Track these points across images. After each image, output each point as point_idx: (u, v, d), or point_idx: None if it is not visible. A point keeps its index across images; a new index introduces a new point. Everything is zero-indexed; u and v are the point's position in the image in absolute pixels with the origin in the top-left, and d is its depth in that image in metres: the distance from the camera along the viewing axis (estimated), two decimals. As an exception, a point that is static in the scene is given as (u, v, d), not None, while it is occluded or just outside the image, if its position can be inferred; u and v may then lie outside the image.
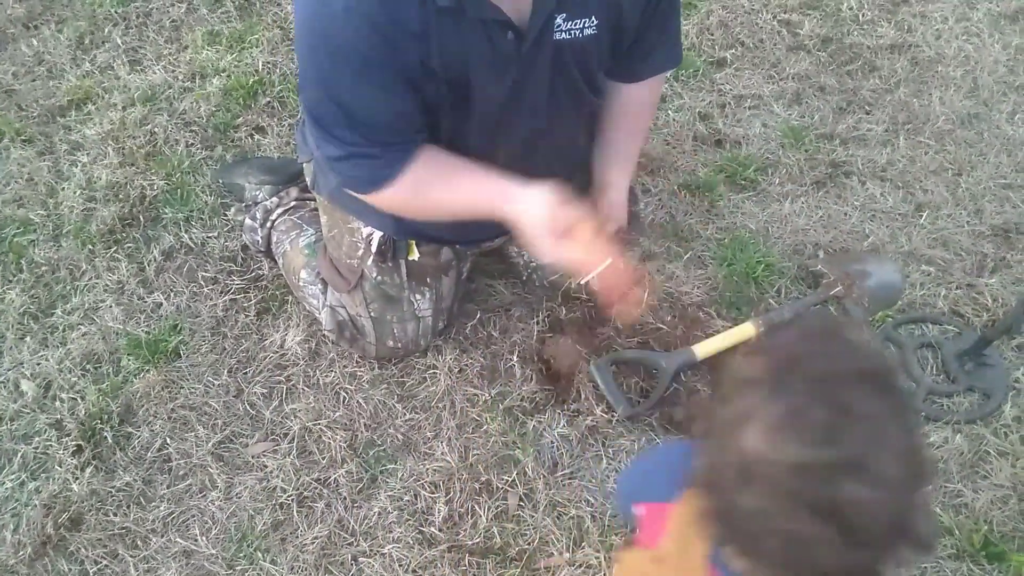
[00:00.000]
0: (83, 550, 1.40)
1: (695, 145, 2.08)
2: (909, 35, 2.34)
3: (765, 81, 2.24)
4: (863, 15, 2.41)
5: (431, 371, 1.63)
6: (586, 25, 1.20)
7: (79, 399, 1.59)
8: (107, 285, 1.77)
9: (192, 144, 2.06)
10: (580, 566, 1.36)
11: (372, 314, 1.57)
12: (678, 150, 2.06)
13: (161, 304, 1.74)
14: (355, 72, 1.12)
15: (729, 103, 2.18)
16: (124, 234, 1.87)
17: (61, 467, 1.50)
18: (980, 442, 1.51)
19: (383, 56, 1.11)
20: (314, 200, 1.71)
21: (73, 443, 1.52)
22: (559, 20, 1.17)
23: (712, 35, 2.36)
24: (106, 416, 1.56)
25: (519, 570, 1.36)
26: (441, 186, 1.28)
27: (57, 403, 1.58)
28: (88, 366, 1.64)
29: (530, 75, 1.23)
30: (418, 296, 1.58)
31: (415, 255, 1.56)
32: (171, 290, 1.77)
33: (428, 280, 1.58)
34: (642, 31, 1.29)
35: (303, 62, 1.16)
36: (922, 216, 1.89)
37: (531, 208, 1.18)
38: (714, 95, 2.21)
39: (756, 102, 2.18)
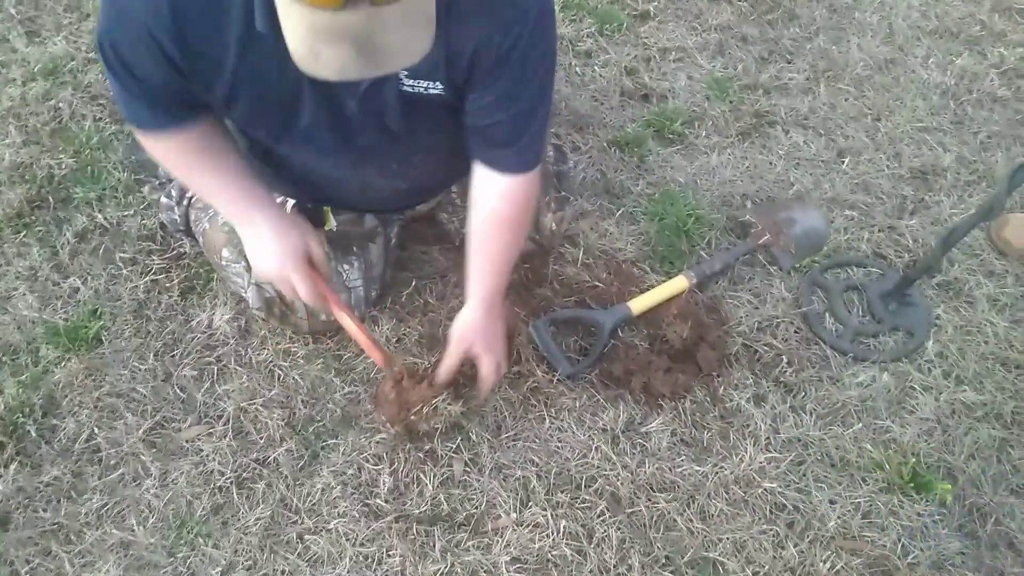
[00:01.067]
0: (12, 550, 1.34)
1: (622, 100, 2.07)
2: (826, -18, 2.37)
3: (689, 33, 2.24)
4: (781, -36, 2.42)
5: (368, 342, 1.60)
6: (430, 86, 1.16)
7: (-4, 393, 1.51)
8: (19, 272, 1.68)
9: (100, 119, 1.95)
10: (528, 525, 1.37)
11: (301, 288, 1.52)
12: (606, 106, 2.05)
13: (78, 289, 1.66)
14: (137, 39, 1.07)
15: (654, 56, 2.18)
16: (33, 217, 1.77)
17: (-18, 465, 1.43)
18: (906, 379, 1.56)
19: (170, 46, 1.07)
20: (233, 174, 1.65)
21: (-7, 440, 1.45)
22: (402, 76, 1.14)
23: (634, -12, 2.35)
24: (28, 409, 1.49)
25: (468, 535, 1.36)
26: (202, 170, 1.30)
27: (-28, 399, 1.50)
28: (4, 358, 1.56)
29: (376, 108, 1.19)
30: (346, 266, 1.54)
31: (332, 223, 1.52)
32: (88, 274, 1.69)
33: (354, 248, 1.55)
34: (490, 117, 1.21)
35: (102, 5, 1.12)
36: (844, 162, 1.92)
37: (260, 261, 1.32)
38: (639, 49, 2.20)
39: (681, 55, 2.18)
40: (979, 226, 1.46)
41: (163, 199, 1.67)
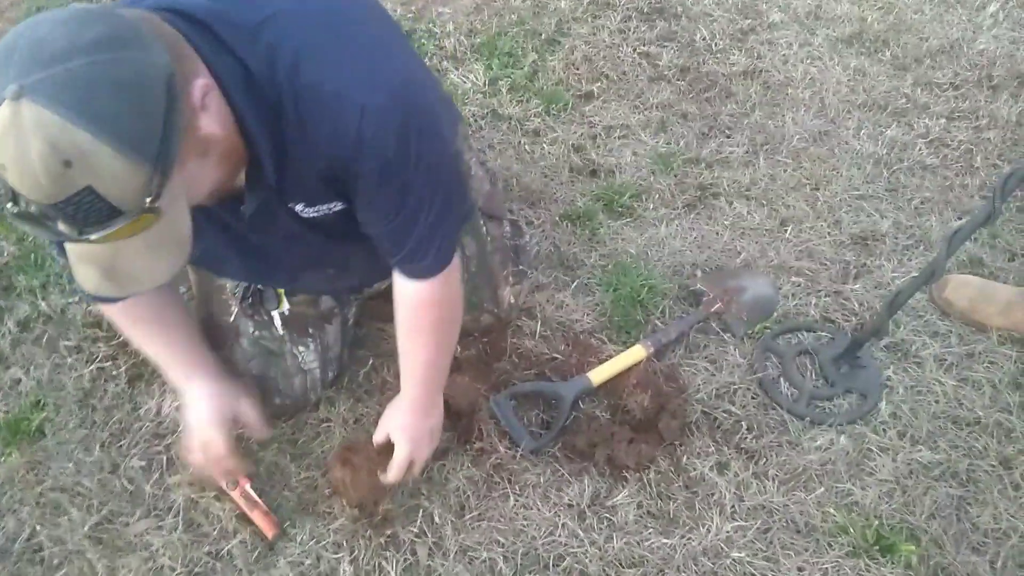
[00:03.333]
0: (-58, 665, 1.25)
1: (572, 176, 2.12)
2: (759, 61, 2.49)
3: (631, 111, 2.32)
4: (716, 44, 2.54)
5: (324, 424, 1.56)
6: (332, 208, 1.15)
7: (-72, 494, 1.43)
8: (-45, 364, 1.61)
9: (45, 205, 1.92)
10: (496, 610, 1.33)
11: (254, 371, 1.49)
12: (556, 181, 2.10)
13: (20, 379, 1.60)
14: None
15: (600, 134, 2.25)
16: (-28, 307, 1.71)
17: (-90, 573, 1.34)
18: (862, 440, 1.58)
19: None
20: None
21: (-76, 544, 1.36)
22: (300, 207, 1.13)
23: (578, 70, 2.43)
24: (-38, 509, 1.41)
25: (433, 622, 1.31)
26: (145, 336, 1.37)
27: (-98, 501, 1.42)
28: (-63, 456, 1.48)
29: (282, 233, 1.20)
30: (301, 348, 1.51)
31: (285, 306, 1.50)
32: (30, 363, 1.63)
33: (310, 330, 1.53)
34: (372, 228, 1.18)
35: None
36: (787, 230, 1.99)
37: (189, 419, 1.35)
38: (585, 127, 2.26)
39: (625, 131, 2.25)
40: (922, 289, 1.51)
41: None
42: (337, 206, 1.15)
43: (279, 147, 1.00)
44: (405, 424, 1.38)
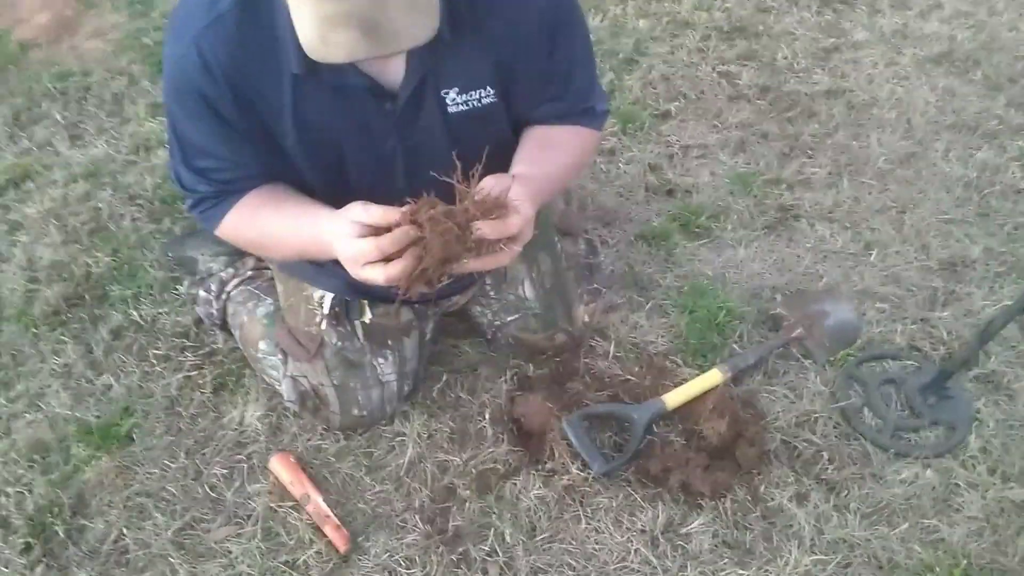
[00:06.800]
0: (35, 658, 1.31)
1: (647, 195, 2.11)
2: (843, 81, 2.43)
3: (709, 131, 2.29)
4: (797, 63, 2.50)
5: (399, 439, 1.58)
6: (483, 96, 1.19)
7: (27, 492, 1.50)
8: (53, 369, 1.69)
9: (138, 218, 2.00)
10: (566, 633, 1.32)
11: (335, 382, 1.52)
12: (631, 201, 2.09)
13: (111, 386, 1.67)
14: (194, 108, 1.14)
15: (677, 153, 2.23)
16: (70, 315, 1.80)
17: (8, 568, 1.40)
18: (950, 475, 1.52)
19: (228, 106, 1.13)
20: (270, 269, 1.68)
21: (21, 541, 1.42)
22: (452, 95, 1.17)
23: (655, 89, 2.42)
24: (57, 509, 1.47)
25: (503, 643, 1.31)
26: (269, 213, 1.24)
27: (2, 498, 1.49)
28: (35, 456, 1.55)
29: (418, 141, 1.22)
30: (381, 360, 1.54)
31: (368, 315, 1.53)
32: (121, 370, 1.70)
33: (389, 342, 1.55)
34: (540, 95, 1.27)
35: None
36: (872, 254, 1.93)
37: (338, 236, 1.08)
38: (661, 146, 2.25)
39: (703, 151, 2.23)
40: (1015, 318, 1.44)
41: (201, 293, 1.69)
42: (488, 97, 1.20)
43: (454, 8, 1.07)
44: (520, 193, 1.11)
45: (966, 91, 2.39)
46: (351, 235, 1.05)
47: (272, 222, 1.24)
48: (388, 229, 1.04)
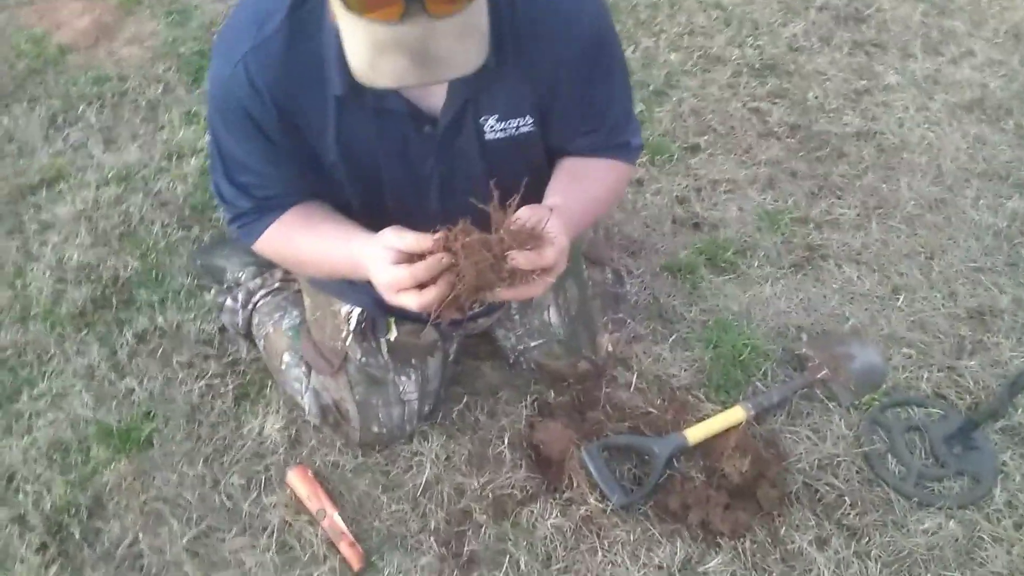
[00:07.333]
0: (43, 660, 1.30)
1: (674, 227, 2.10)
2: (874, 123, 2.43)
3: (738, 166, 2.29)
4: (828, 104, 2.50)
5: (417, 459, 1.57)
6: (521, 124, 1.20)
7: (45, 491, 1.50)
8: (76, 370, 1.70)
9: (168, 224, 2.02)
10: (578, 667, 1.30)
11: (357, 397, 1.52)
12: (658, 232, 2.09)
13: (133, 390, 1.67)
14: (238, 126, 1.15)
15: (705, 187, 2.23)
16: (95, 316, 1.80)
17: (23, 564, 1.40)
18: (974, 528, 1.50)
19: (272, 125, 1.14)
20: (297, 282, 1.68)
21: (37, 539, 1.42)
22: (491, 122, 1.18)
23: (685, 122, 2.42)
24: (74, 509, 1.47)
25: (515, 673, 1.29)
26: (306, 232, 1.24)
27: (20, 496, 1.49)
28: (55, 455, 1.56)
29: (455, 165, 1.23)
30: (404, 378, 1.54)
31: (393, 333, 1.53)
32: (144, 375, 1.70)
33: (413, 361, 1.55)
34: (574, 128, 1.27)
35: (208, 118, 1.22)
36: (899, 299, 1.92)
37: (374, 261, 1.07)
38: (690, 179, 2.25)
39: (731, 186, 2.23)
40: (1045, 371, 1.43)
41: (228, 302, 1.70)
42: (526, 126, 1.20)
43: (498, 37, 1.05)
44: (556, 225, 1.10)
45: (997, 139, 2.38)
46: (386, 261, 1.05)
47: (309, 241, 1.24)
48: (421, 255, 1.04)
